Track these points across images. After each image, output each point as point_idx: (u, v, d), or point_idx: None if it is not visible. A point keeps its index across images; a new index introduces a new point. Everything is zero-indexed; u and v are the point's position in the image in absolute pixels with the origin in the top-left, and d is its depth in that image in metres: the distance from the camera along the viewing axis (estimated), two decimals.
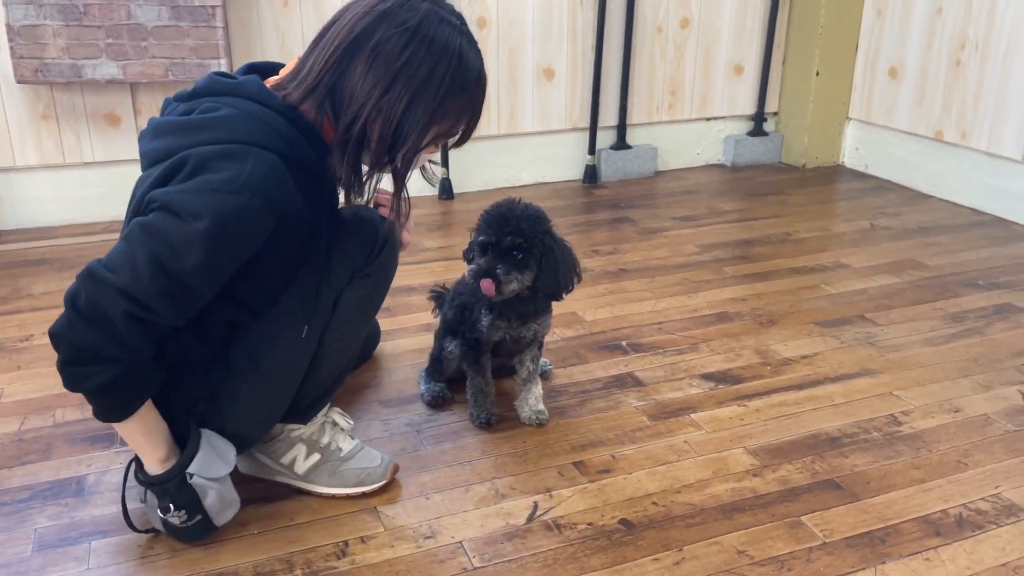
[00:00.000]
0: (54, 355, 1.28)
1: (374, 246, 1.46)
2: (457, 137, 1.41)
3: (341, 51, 1.30)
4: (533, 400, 1.77)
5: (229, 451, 1.42)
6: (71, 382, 1.27)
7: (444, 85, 1.31)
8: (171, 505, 1.35)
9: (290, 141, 1.31)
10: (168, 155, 1.28)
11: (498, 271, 1.57)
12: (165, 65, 2.72)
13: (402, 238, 1.58)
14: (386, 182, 1.44)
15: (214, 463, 1.38)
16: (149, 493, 1.38)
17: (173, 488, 1.35)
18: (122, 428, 1.32)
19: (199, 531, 1.40)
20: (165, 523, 1.38)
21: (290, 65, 1.40)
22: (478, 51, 1.36)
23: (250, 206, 1.23)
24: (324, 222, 1.41)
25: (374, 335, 2.04)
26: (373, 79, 1.28)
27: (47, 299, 2.35)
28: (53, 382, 1.91)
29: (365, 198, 1.43)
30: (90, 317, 1.24)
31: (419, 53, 1.29)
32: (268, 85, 1.36)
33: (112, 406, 1.30)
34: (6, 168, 2.78)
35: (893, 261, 2.66)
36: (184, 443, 1.38)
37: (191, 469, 1.34)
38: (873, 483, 1.59)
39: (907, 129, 3.37)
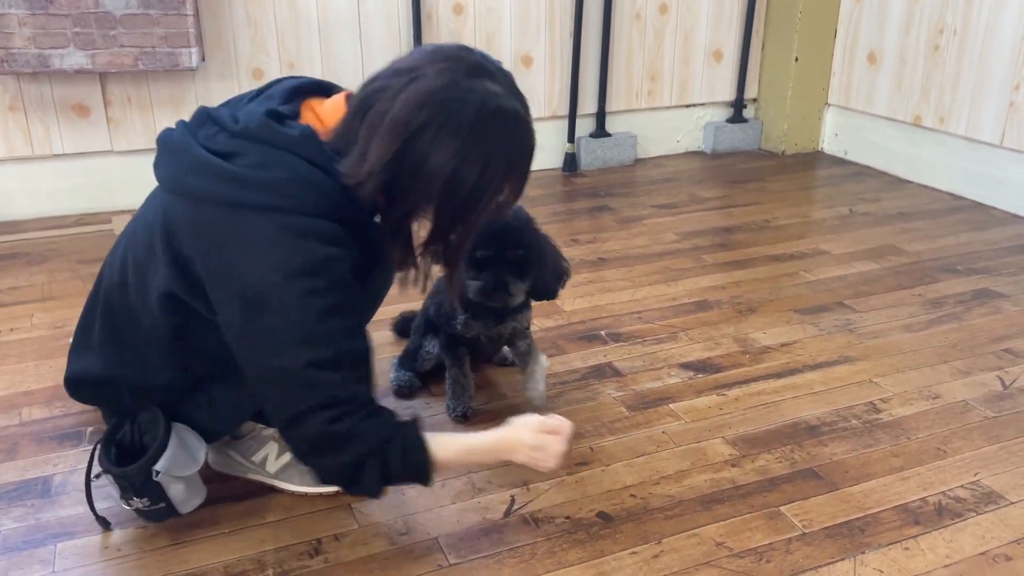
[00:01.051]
0: (22, 350, 1.25)
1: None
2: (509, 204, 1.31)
3: (400, 141, 1.18)
4: (540, 380, 1.72)
5: (199, 450, 1.39)
6: (373, 487, 1.30)
7: (512, 151, 1.22)
8: (134, 496, 1.33)
9: (341, 207, 1.23)
10: (207, 198, 1.20)
11: (510, 285, 1.56)
12: (135, 54, 2.66)
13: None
14: None
15: (183, 461, 1.34)
16: (110, 478, 1.35)
17: (138, 483, 1.32)
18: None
19: (163, 515, 1.37)
20: (128, 504, 1.36)
21: (337, 106, 1.29)
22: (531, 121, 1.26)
23: (336, 276, 1.21)
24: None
25: None
26: (444, 158, 1.17)
27: (15, 294, 2.30)
28: (20, 379, 1.87)
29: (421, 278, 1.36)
30: (323, 452, 1.25)
31: (486, 127, 1.18)
32: (319, 132, 1.25)
33: (409, 475, 1.28)
34: None
35: (872, 247, 2.66)
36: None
37: (158, 467, 1.31)
38: (852, 472, 1.58)
39: (886, 115, 3.36)
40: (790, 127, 3.62)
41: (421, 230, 1.29)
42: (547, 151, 3.45)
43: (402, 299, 1.62)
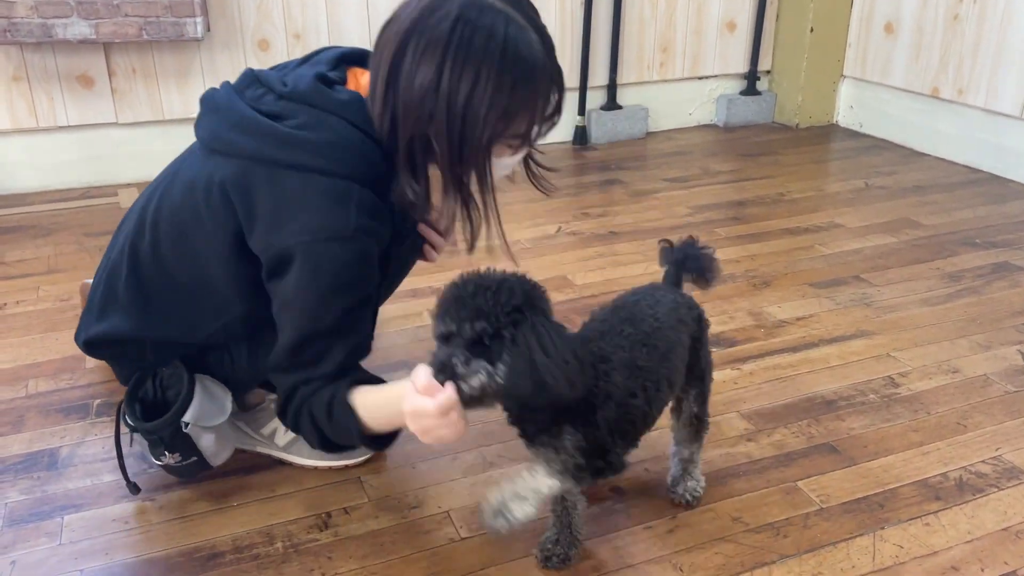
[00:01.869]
0: (29, 323, 1.24)
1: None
2: (537, 134, 1.26)
3: (386, 70, 1.18)
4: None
5: (226, 398, 1.38)
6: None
7: (502, 73, 1.14)
8: (165, 451, 1.32)
9: (385, 176, 1.24)
10: (253, 156, 1.21)
11: (455, 363, 1.07)
12: (139, 24, 2.62)
13: (428, 255, 1.51)
14: None
15: (210, 411, 1.34)
16: (139, 436, 1.34)
17: (167, 437, 1.31)
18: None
19: (196, 469, 1.37)
20: (161, 464, 1.36)
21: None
22: (532, 35, 1.17)
23: (364, 249, 1.23)
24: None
25: None
26: (427, 74, 1.14)
27: (22, 267, 2.28)
28: (27, 351, 1.85)
29: (443, 225, 1.36)
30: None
31: (466, 41, 1.13)
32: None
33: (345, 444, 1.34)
34: None
35: (888, 220, 2.61)
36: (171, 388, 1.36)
37: (187, 418, 1.31)
38: (870, 447, 1.55)
39: (903, 86, 3.30)
40: (804, 99, 3.56)
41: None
42: (557, 124, 3.39)
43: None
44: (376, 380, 1.32)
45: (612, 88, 3.38)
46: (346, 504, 1.40)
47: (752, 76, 3.61)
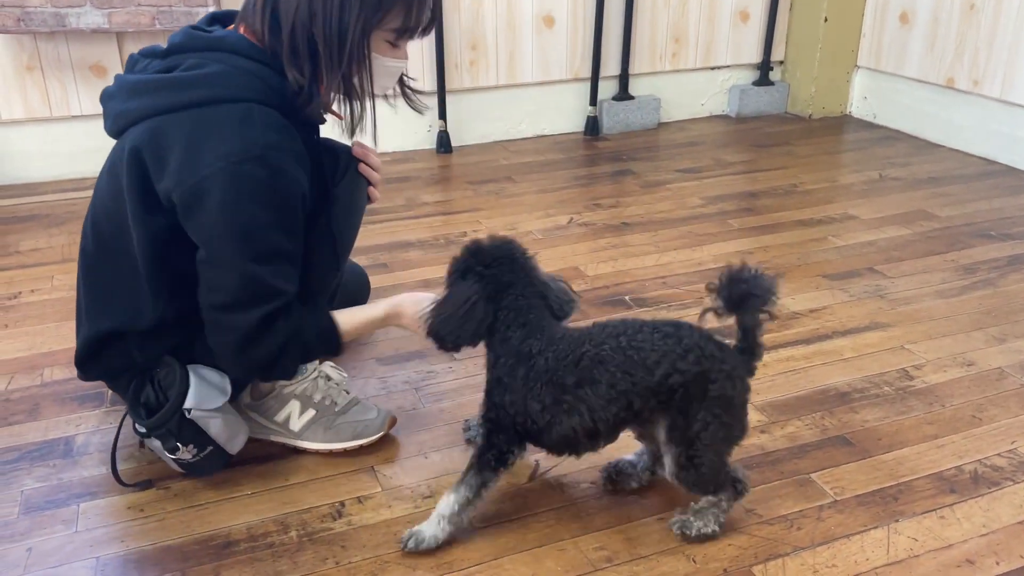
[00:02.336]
0: (43, 311, 1.25)
1: (336, 170, 1.43)
2: (411, 32, 1.31)
3: None
4: None
5: (223, 380, 1.39)
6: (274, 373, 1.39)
7: None
8: (178, 444, 1.33)
9: (281, 92, 1.28)
10: (154, 113, 1.25)
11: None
12: (152, 13, 2.62)
13: (372, 195, 1.55)
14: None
15: (209, 394, 1.35)
16: (152, 440, 1.35)
17: (175, 427, 1.32)
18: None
19: (215, 461, 1.38)
20: (179, 462, 1.36)
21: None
22: None
23: (280, 166, 1.24)
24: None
25: (363, 285, 1.95)
26: None
27: (36, 256, 2.29)
28: (41, 340, 1.86)
29: (347, 127, 1.37)
30: (244, 351, 1.31)
31: None
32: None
33: (323, 350, 1.40)
34: None
35: (903, 212, 2.59)
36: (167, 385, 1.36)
37: (188, 404, 1.32)
38: (885, 439, 1.54)
39: (917, 77, 3.27)
40: (818, 90, 3.54)
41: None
42: (568, 114, 3.38)
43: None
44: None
45: (624, 78, 3.37)
46: (359, 493, 1.41)
47: (765, 66, 3.58)
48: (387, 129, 1.40)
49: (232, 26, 1.35)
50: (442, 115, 3.14)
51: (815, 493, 1.41)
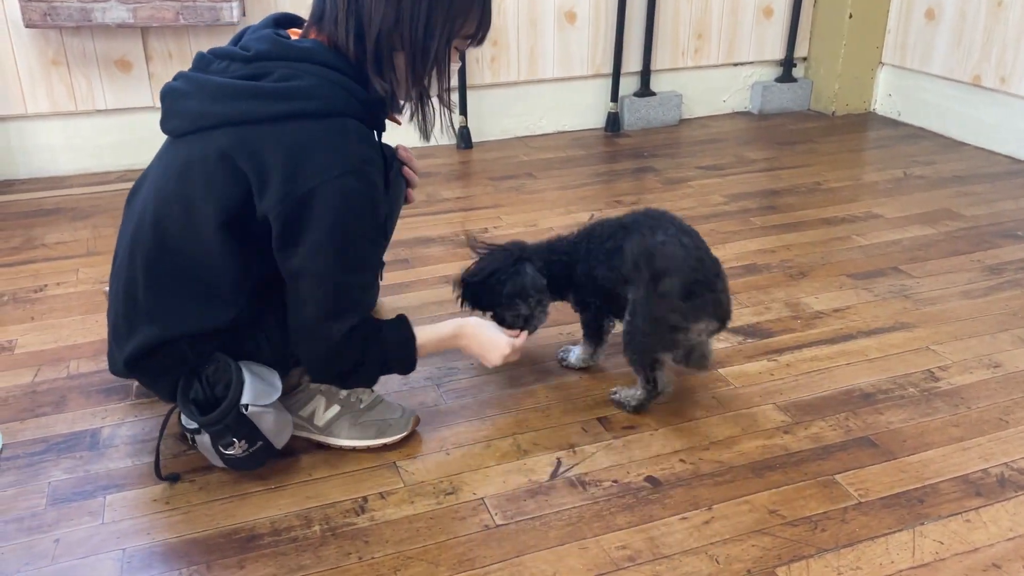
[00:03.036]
0: (69, 304, 1.27)
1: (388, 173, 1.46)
2: (480, 38, 1.38)
3: None
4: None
5: (273, 376, 1.41)
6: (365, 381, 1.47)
7: None
8: (233, 439, 1.34)
9: (363, 103, 1.32)
10: (245, 120, 1.26)
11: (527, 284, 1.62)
12: (176, 8, 2.63)
13: (408, 196, 1.62)
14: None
15: (264, 390, 1.37)
16: (203, 435, 1.36)
17: (232, 422, 1.33)
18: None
19: (261, 456, 1.39)
20: (227, 457, 1.37)
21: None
22: None
23: (373, 179, 1.30)
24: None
25: None
26: None
27: (61, 249, 2.31)
28: (67, 332, 1.88)
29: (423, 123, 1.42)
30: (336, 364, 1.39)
31: None
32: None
33: (400, 368, 1.46)
34: (17, 116, 2.73)
35: (927, 211, 2.57)
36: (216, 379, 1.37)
37: (245, 400, 1.33)
38: (910, 441, 1.53)
39: (943, 74, 3.24)
40: (841, 87, 3.51)
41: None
42: (589, 110, 3.38)
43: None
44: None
45: (646, 74, 3.35)
46: (382, 489, 1.41)
47: (788, 63, 3.56)
48: (407, 125, 1.42)
49: (304, 32, 1.37)
50: (463, 111, 3.14)
51: (839, 494, 1.40)
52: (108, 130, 2.82)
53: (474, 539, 1.31)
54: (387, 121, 1.45)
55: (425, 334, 1.46)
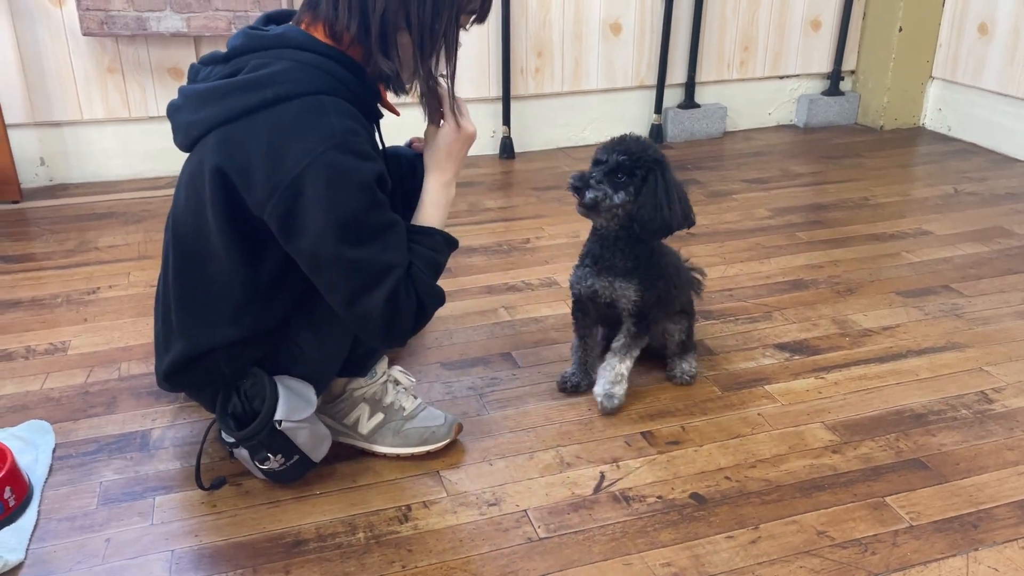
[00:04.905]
0: (120, 307, 1.29)
1: (402, 177, 1.45)
2: (482, 16, 1.36)
3: None
4: (605, 380, 1.64)
5: (308, 391, 1.40)
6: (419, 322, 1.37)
7: None
8: (268, 454, 1.35)
9: (348, 84, 1.29)
10: (226, 119, 1.24)
11: (591, 177, 1.52)
12: (228, 18, 2.68)
13: (466, 126, 1.45)
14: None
15: (298, 405, 1.37)
16: (240, 449, 1.37)
17: (266, 438, 1.34)
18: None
19: (299, 470, 1.40)
20: (265, 471, 1.38)
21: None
22: None
23: (360, 149, 1.24)
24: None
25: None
26: None
27: (114, 252, 2.36)
28: (119, 335, 1.91)
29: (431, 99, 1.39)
30: (387, 322, 1.31)
31: None
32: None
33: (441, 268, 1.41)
34: (73, 121, 2.80)
35: (979, 228, 2.52)
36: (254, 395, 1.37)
37: (278, 416, 1.33)
38: (963, 464, 1.50)
39: (996, 89, 3.17)
40: (890, 101, 3.46)
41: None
42: (633, 122, 3.37)
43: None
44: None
45: (690, 86, 3.34)
46: (425, 498, 1.42)
47: (836, 76, 3.52)
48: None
49: (296, 21, 1.34)
50: (506, 121, 3.15)
51: (890, 517, 1.37)
52: (160, 136, 2.88)
53: (517, 551, 1.30)
54: (387, 112, 1.42)
55: (428, 212, 1.40)
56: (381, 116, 1.41)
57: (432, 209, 1.40)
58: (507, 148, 3.18)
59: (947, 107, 3.42)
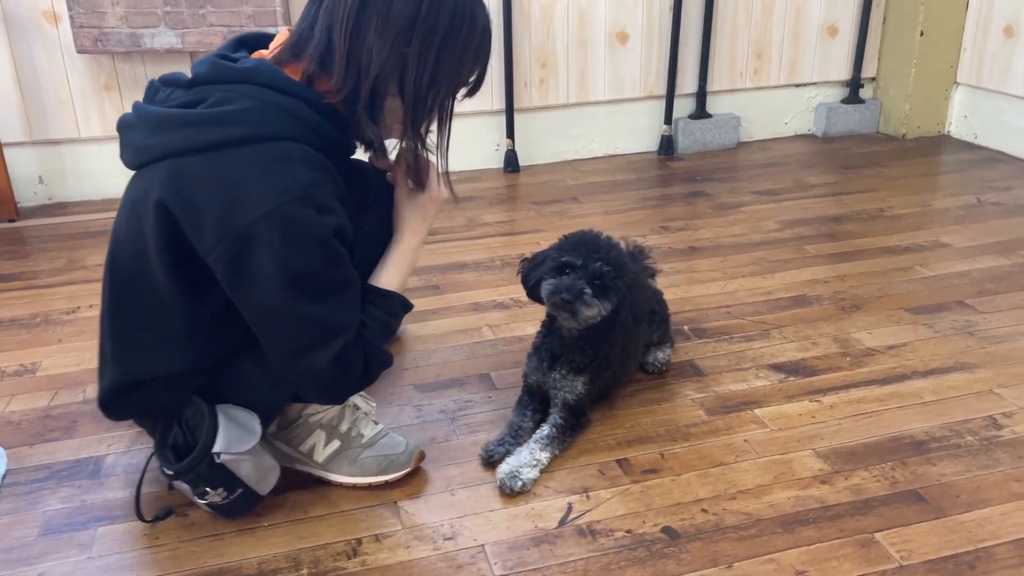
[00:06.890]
0: (95, 327, 1.27)
1: (365, 194, 1.37)
2: (476, 89, 1.32)
3: (353, 13, 1.17)
4: (517, 461, 1.44)
5: (252, 420, 1.33)
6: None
7: (463, 34, 1.22)
8: (207, 488, 1.28)
9: (317, 128, 1.21)
10: (178, 152, 1.16)
11: (585, 292, 1.44)
12: (223, 34, 2.65)
13: (442, 191, 1.41)
14: None
15: (239, 436, 1.29)
16: (179, 482, 1.30)
17: (204, 471, 1.27)
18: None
19: (245, 504, 1.33)
20: (208, 504, 1.32)
21: (281, 37, 1.29)
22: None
23: (323, 202, 1.19)
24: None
25: None
26: (391, 36, 1.18)
27: (100, 271, 2.31)
28: (90, 355, 1.87)
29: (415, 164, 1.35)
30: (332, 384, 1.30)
31: (433, 5, 1.19)
32: (270, 60, 1.23)
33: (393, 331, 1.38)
34: (71, 139, 2.79)
35: (1001, 241, 2.37)
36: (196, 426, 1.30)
37: (217, 448, 1.26)
38: (964, 496, 1.37)
39: (1023, 94, 3.03)
40: (913, 108, 3.31)
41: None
42: (642, 133, 3.27)
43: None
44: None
45: (702, 96, 3.23)
46: (378, 531, 1.34)
47: (855, 83, 3.38)
48: (453, 147, 1.34)
49: (267, 53, 1.27)
50: (510, 134, 3.07)
51: (878, 556, 1.25)
52: None
53: None
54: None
55: (391, 274, 1.36)
56: (353, 151, 1.36)
57: (395, 272, 1.38)
58: (511, 161, 3.11)
59: (973, 114, 3.26)
